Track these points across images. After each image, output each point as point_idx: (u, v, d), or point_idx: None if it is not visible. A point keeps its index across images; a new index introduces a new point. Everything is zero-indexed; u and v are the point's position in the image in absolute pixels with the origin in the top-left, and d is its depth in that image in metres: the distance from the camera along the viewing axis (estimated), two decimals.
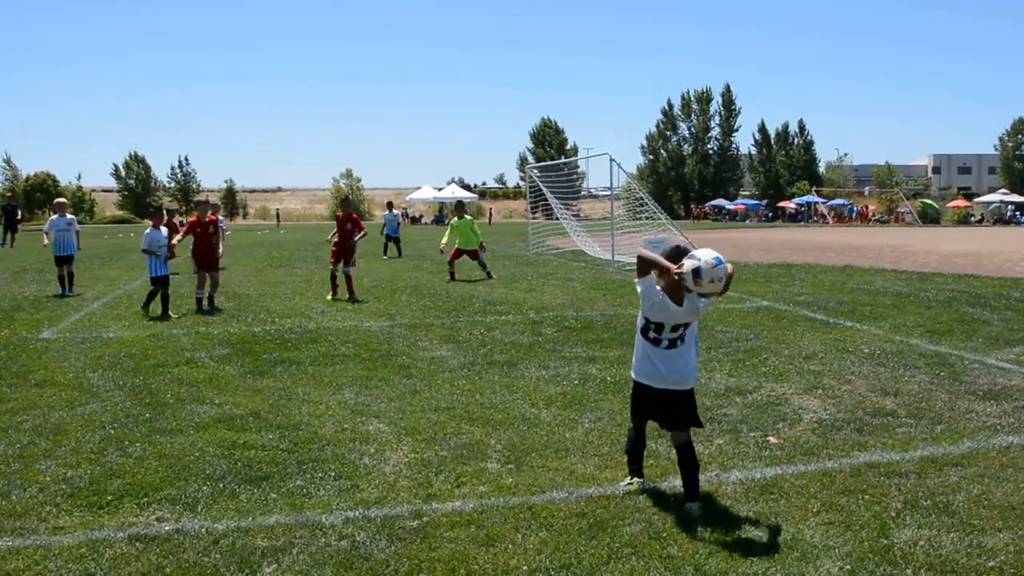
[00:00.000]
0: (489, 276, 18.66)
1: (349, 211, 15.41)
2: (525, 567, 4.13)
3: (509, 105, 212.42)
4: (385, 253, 26.67)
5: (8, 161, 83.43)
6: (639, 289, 4.87)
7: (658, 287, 4.79)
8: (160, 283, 12.76)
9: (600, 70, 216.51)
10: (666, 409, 4.92)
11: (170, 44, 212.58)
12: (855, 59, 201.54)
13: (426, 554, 4.28)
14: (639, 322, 4.98)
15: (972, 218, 70.00)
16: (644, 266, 4.82)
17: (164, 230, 13.23)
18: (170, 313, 12.60)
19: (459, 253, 19.01)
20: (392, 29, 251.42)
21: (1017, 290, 15.29)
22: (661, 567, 4.11)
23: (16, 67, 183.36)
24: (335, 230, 15.35)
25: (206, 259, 13.40)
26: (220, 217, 16.48)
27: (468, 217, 19.82)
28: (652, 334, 4.89)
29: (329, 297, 14.81)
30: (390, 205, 30.45)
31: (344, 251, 14.92)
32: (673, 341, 4.86)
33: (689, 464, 4.89)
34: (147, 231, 13.05)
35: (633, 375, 5.06)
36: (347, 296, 14.62)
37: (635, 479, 5.18)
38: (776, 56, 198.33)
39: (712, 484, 5.25)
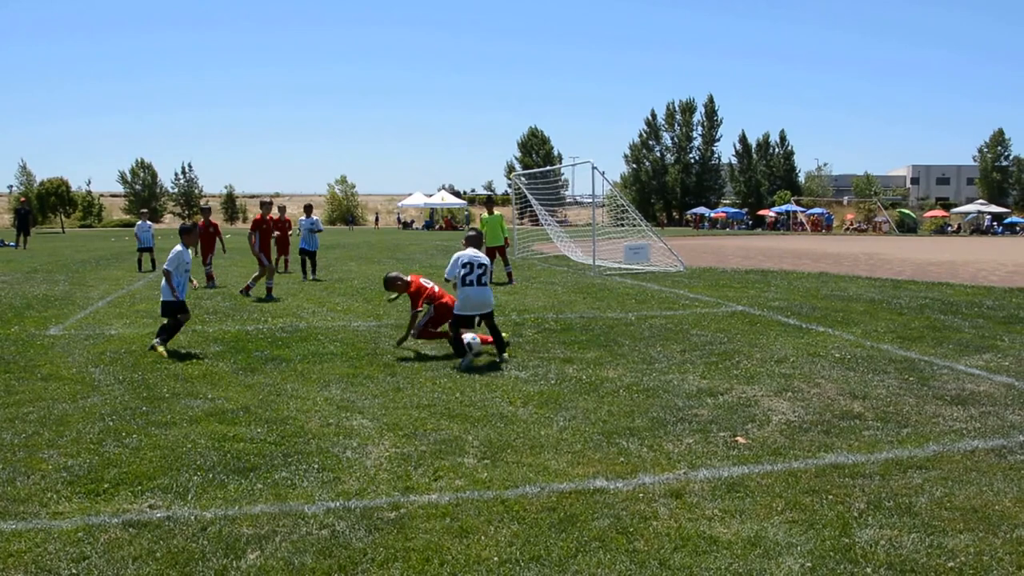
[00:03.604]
0: (511, 280, 18.53)
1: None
2: (496, 558, 4.28)
3: (498, 115, 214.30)
4: (304, 275, 20.24)
5: (24, 167, 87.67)
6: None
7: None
8: None
9: (587, 82, 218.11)
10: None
11: (177, 62, 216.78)
12: (835, 71, 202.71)
13: (402, 544, 4.43)
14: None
15: (949, 228, 70.78)
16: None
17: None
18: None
19: (489, 252, 17.81)
20: (385, 45, 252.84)
21: (990, 298, 15.54)
22: (627, 560, 4.27)
23: (33, 81, 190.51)
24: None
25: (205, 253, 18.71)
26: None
27: (498, 213, 19.13)
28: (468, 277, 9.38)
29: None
30: (308, 209, 21.47)
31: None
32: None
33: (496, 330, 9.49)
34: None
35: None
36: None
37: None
38: (757, 68, 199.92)
39: (680, 482, 5.42)
